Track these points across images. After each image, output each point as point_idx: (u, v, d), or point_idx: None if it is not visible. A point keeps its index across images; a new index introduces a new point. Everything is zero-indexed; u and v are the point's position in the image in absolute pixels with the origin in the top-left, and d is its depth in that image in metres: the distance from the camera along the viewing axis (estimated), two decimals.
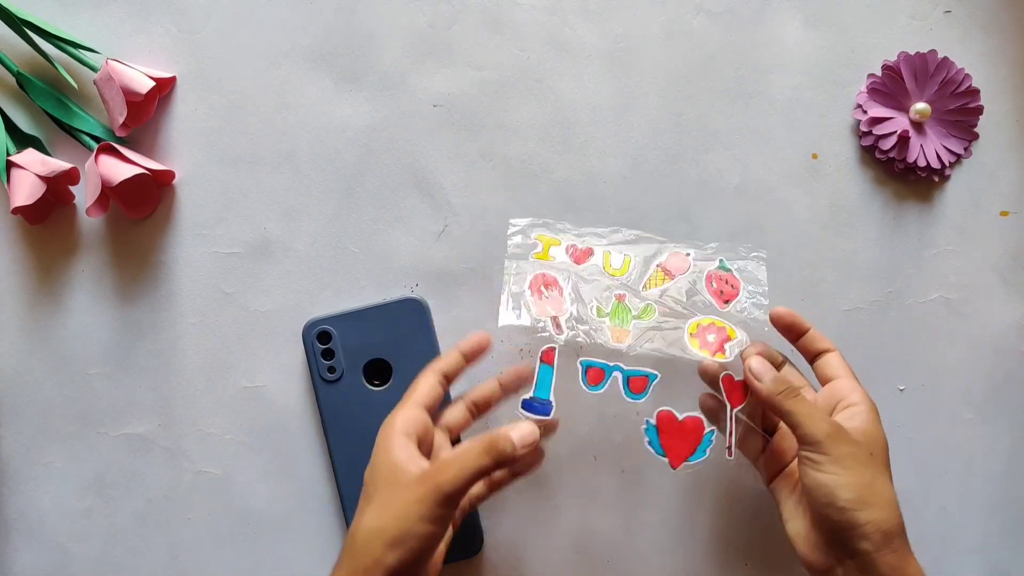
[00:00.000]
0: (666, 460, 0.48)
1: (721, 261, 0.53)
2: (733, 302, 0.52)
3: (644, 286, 0.52)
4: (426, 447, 0.47)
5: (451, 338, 0.55)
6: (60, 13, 0.55)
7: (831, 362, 0.50)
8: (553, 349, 0.49)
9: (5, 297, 0.55)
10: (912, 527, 0.56)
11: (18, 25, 0.53)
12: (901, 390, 0.57)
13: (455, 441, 0.50)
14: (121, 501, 0.55)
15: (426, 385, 0.48)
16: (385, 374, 0.54)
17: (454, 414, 0.50)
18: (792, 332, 0.51)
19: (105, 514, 0.55)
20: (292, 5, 0.56)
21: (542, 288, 0.50)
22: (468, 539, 0.54)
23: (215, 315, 0.55)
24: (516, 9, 0.56)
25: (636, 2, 0.56)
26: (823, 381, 0.50)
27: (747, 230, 0.56)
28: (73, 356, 0.55)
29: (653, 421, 0.49)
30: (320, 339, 0.54)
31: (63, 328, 0.55)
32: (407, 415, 0.46)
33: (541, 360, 0.49)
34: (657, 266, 0.53)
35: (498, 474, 0.51)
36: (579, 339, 0.49)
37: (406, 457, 0.44)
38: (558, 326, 0.49)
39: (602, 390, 0.49)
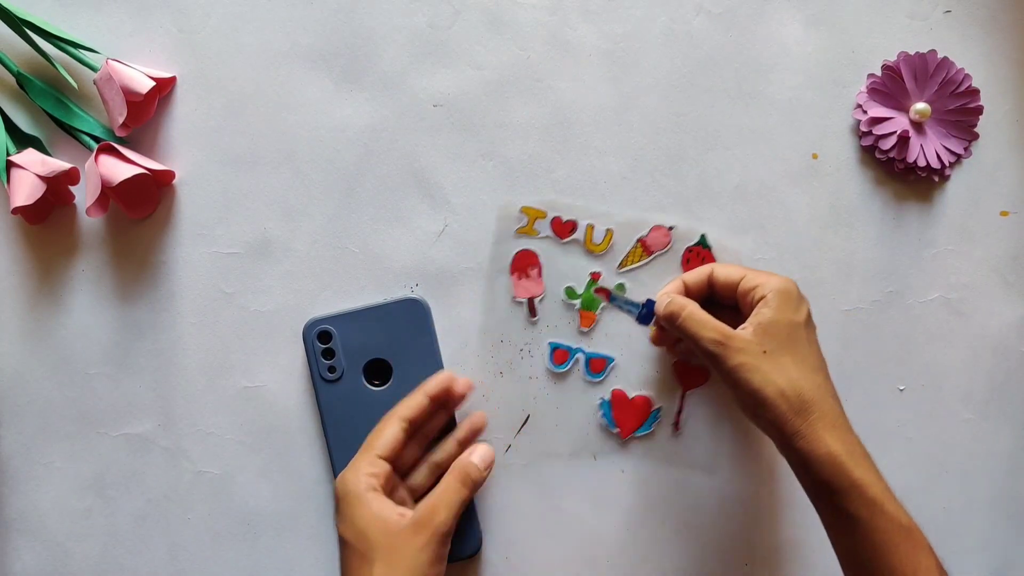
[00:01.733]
0: (617, 431, 0.55)
1: (703, 236, 0.55)
2: None
3: (622, 263, 0.55)
4: (389, 491, 0.48)
5: (451, 338, 0.55)
6: (60, 13, 0.55)
7: (723, 273, 0.51)
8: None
9: (5, 297, 0.56)
10: None
11: (18, 25, 0.53)
12: (901, 390, 0.57)
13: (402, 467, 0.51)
14: (121, 501, 0.55)
15: (387, 433, 0.49)
16: (385, 374, 0.54)
17: (390, 437, 0.49)
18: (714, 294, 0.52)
19: (105, 514, 0.55)
20: (292, 5, 0.56)
21: (525, 268, 0.54)
22: (467, 539, 0.54)
23: (215, 315, 0.55)
24: (516, 9, 0.56)
25: (636, 2, 0.56)
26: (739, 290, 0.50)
27: (747, 230, 0.56)
28: (73, 356, 0.55)
29: (608, 398, 0.55)
30: (320, 339, 0.54)
31: (63, 328, 0.55)
32: (371, 470, 0.47)
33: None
34: (638, 240, 0.55)
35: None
36: (547, 325, 0.54)
37: (388, 510, 0.46)
38: (532, 309, 0.53)
39: (565, 369, 0.55)
